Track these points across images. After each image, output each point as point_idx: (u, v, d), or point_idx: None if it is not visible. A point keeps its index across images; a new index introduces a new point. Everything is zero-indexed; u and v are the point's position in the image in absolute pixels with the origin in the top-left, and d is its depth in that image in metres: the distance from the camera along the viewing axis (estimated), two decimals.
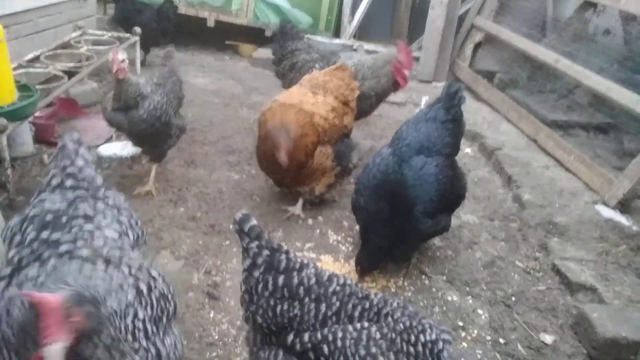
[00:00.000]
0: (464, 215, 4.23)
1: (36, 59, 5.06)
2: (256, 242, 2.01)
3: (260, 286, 1.99)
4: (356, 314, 1.92)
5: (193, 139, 5.12)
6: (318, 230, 3.90)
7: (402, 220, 3.21)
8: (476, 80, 7.12)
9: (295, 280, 1.95)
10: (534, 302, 3.32)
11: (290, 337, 1.93)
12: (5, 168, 3.76)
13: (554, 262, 3.63)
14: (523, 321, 3.15)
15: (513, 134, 5.80)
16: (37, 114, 4.76)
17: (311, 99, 3.97)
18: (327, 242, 3.79)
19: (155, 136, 4.00)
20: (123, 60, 3.70)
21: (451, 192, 3.35)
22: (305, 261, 2.04)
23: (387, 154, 3.35)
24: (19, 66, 4.74)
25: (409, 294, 3.35)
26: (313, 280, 1.96)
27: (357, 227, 3.58)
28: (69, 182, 2.11)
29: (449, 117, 3.35)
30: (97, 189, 2.14)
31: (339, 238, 3.84)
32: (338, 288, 1.95)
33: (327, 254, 3.65)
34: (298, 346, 1.90)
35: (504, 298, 3.34)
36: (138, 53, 6.20)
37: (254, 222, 2.03)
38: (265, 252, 2.01)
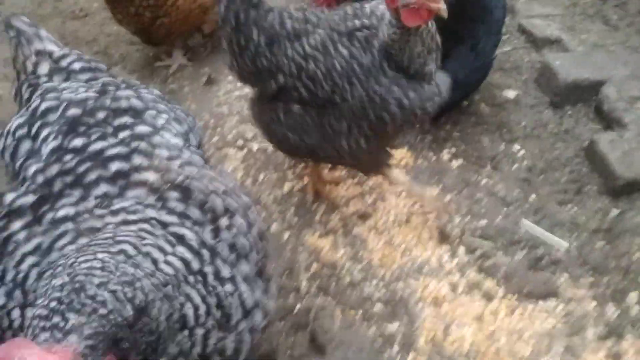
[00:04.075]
0: None
1: None
2: None
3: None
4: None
5: None
6: None
7: None
8: None
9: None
10: (498, 64, 3.22)
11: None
12: None
13: (519, 22, 3.48)
14: (486, 81, 3.12)
15: None
16: None
17: None
18: None
19: None
20: None
21: None
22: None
23: None
24: None
25: None
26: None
27: None
28: (77, 65, 1.49)
29: None
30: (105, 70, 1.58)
31: None
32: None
33: None
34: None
35: None
36: None
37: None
38: None
